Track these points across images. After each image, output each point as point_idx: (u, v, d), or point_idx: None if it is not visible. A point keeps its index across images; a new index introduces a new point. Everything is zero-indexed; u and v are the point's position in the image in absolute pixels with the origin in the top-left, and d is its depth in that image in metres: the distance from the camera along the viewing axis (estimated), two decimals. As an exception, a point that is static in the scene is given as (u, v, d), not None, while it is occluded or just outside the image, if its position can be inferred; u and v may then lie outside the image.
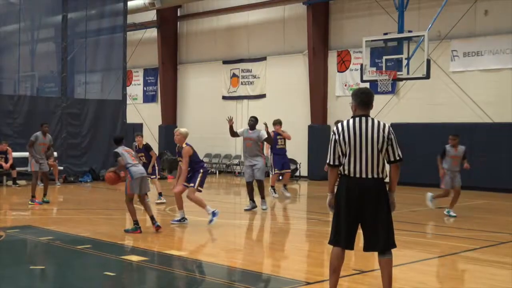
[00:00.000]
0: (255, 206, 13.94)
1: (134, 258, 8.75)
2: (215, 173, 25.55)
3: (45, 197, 14.97)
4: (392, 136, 6.14)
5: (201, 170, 11.68)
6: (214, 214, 11.75)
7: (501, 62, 19.31)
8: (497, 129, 19.16)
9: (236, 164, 25.56)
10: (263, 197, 13.86)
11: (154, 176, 15.24)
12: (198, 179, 11.58)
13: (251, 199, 13.99)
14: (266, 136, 13.85)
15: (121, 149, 11.00)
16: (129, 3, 24.68)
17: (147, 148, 15.23)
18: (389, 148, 6.12)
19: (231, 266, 8.58)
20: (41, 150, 15.07)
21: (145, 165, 15.13)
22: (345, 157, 6.13)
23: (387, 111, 21.48)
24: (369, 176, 6.07)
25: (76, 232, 10.70)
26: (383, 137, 6.09)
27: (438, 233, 11.11)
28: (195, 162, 11.69)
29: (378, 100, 21.39)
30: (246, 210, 13.95)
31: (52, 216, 13.41)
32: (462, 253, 9.34)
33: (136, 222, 10.74)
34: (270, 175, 17.29)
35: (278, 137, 16.81)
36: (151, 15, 28.60)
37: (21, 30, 21.76)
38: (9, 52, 21.75)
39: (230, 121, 13.76)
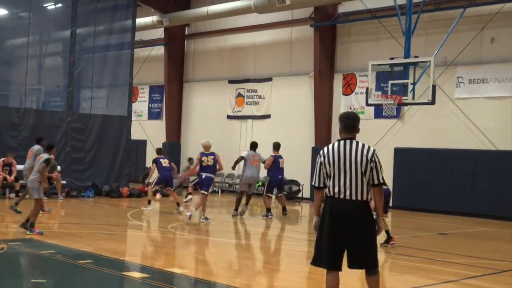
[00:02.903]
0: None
1: (136, 274, 8.74)
2: (218, 192, 25.51)
3: None
4: (376, 159, 6.19)
5: None
6: None
7: (507, 90, 19.34)
8: (501, 157, 19.15)
9: (239, 184, 25.41)
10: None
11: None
12: None
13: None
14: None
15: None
16: (138, 20, 24.84)
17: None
18: (373, 171, 6.16)
19: (232, 286, 8.55)
20: None
21: None
22: (330, 179, 6.21)
23: (391, 136, 21.53)
24: (353, 198, 6.12)
25: (77, 246, 10.70)
26: (367, 159, 6.14)
27: (439, 259, 11.07)
28: None
29: (383, 125, 21.53)
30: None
31: (53, 230, 13.39)
32: (463, 280, 9.29)
33: None
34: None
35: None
36: (159, 33, 28.79)
37: (29, 44, 21.85)
38: (17, 66, 21.90)
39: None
